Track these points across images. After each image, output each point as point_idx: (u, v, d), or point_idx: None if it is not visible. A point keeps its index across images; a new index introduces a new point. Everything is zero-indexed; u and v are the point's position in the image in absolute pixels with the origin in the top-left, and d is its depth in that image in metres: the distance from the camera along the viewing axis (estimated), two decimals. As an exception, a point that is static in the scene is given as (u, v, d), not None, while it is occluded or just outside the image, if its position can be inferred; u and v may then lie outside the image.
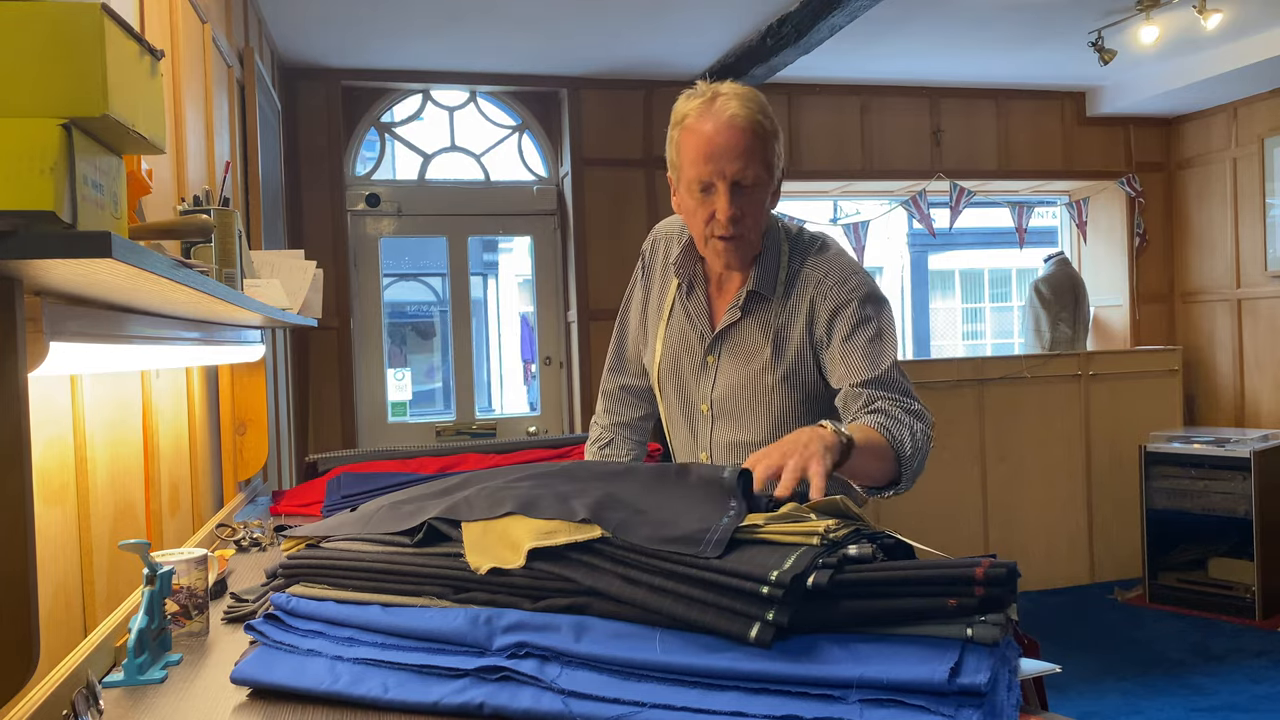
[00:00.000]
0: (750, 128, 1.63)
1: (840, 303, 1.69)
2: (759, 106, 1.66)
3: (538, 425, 5.36)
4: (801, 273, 1.74)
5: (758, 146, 1.63)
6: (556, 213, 5.34)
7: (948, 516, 5.26)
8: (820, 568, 1.00)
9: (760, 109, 1.65)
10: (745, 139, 1.62)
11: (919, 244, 12.34)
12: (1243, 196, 5.56)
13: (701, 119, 1.64)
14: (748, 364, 1.75)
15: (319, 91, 4.80)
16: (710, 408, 1.80)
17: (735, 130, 1.62)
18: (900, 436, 1.53)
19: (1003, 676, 0.96)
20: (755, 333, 1.75)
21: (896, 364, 1.65)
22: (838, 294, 1.70)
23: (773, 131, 1.66)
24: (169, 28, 2.27)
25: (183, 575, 1.44)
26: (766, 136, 1.64)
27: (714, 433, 1.80)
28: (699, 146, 1.64)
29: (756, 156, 1.63)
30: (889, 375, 1.63)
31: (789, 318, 1.73)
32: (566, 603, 1.10)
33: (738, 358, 1.76)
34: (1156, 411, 5.60)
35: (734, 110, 1.62)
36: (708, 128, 1.63)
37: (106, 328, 1.23)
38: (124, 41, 0.86)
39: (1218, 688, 3.93)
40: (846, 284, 1.70)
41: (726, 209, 1.63)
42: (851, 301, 1.68)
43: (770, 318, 1.74)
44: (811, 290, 1.72)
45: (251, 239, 3.30)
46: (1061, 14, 4.31)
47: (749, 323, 1.75)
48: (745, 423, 1.76)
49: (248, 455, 2.76)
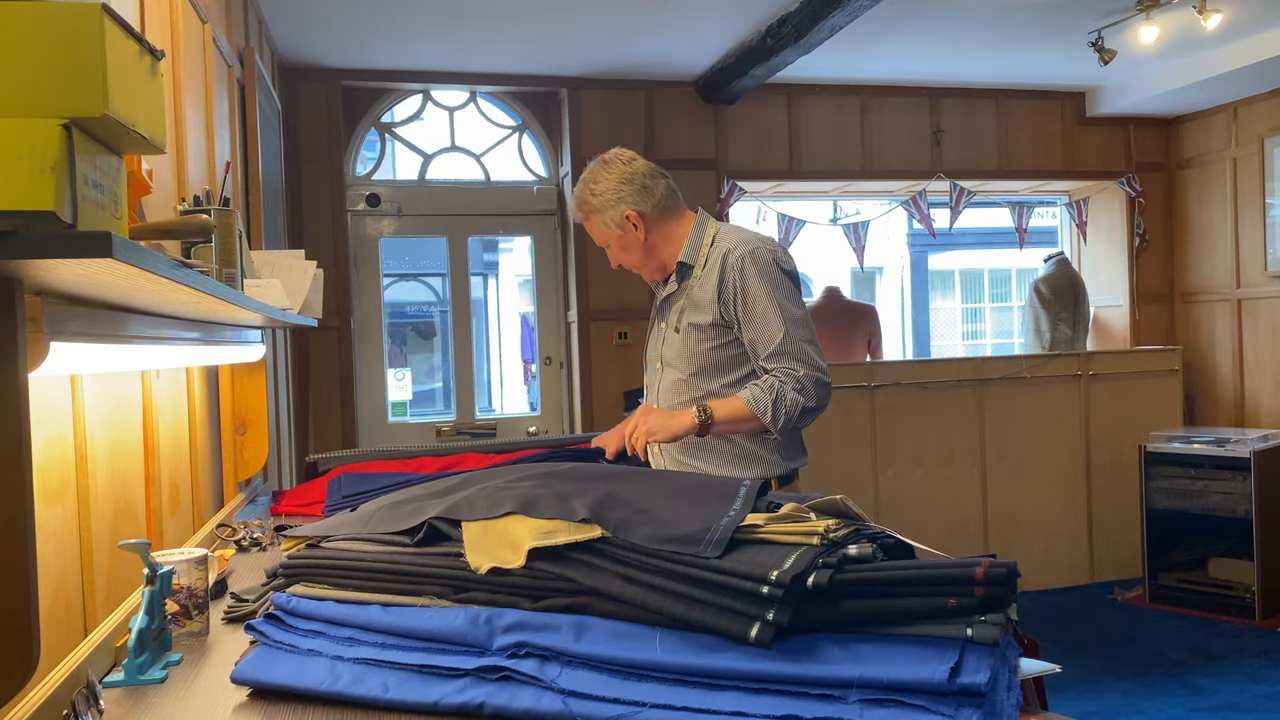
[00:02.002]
0: (582, 220, 2.37)
1: (738, 274, 2.19)
2: (579, 204, 2.34)
3: (538, 425, 5.36)
4: (715, 248, 2.28)
5: (593, 229, 2.35)
6: (556, 213, 5.34)
7: (948, 516, 5.26)
8: (820, 568, 1.00)
9: (579, 207, 2.35)
10: (587, 227, 2.37)
11: (919, 244, 12.34)
12: (1243, 196, 5.56)
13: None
14: (680, 321, 2.30)
15: (319, 91, 4.80)
16: (660, 363, 2.37)
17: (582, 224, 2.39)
18: (763, 404, 2.11)
19: (1003, 676, 0.96)
20: (683, 297, 2.31)
21: (790, 329, 2.16)
22: (739, 265, 2.20)
23: (589, 217, 2.33)
24: (169, 28, 2.27)
25: (183, 575, 1.44)
26: (590, 222, 2.34)
27: (661, 381, 2.35)
28: None
29: (595, 233, 2.36)
30: (780, 347, 2.15)
31: (705, 279, 2.26)
32: (567, 602, 1.10)
33: (674, 318, 2.32)
34: (1156, 411, 5.60)
35: (572, 208, 2.49)
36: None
37: (107, 328, 1.23)
38: (124, 41, 0.86)
39: (1218, 688, 3.93)
40: (747, 259, 2.20)
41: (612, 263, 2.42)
42: (748, 275, 2.19)
43: (694, 283, 2.28)
44: (722, 256, 2.23)
45: (251, 239, 3.30)
46: (1061, 14, 4.31)
47: (681, 291, 2.32)
48: (677, 368, 2.31)
49: (248, 455, 2.76)
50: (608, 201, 2.30)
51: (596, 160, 2.34)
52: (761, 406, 2.11)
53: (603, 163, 2.32)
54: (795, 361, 2.15)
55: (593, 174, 2.31)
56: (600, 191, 2.30)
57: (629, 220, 2.30)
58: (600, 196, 2.30)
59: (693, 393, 2.27)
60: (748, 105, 5.31)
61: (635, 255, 2.33)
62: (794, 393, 2.12)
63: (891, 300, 12.54)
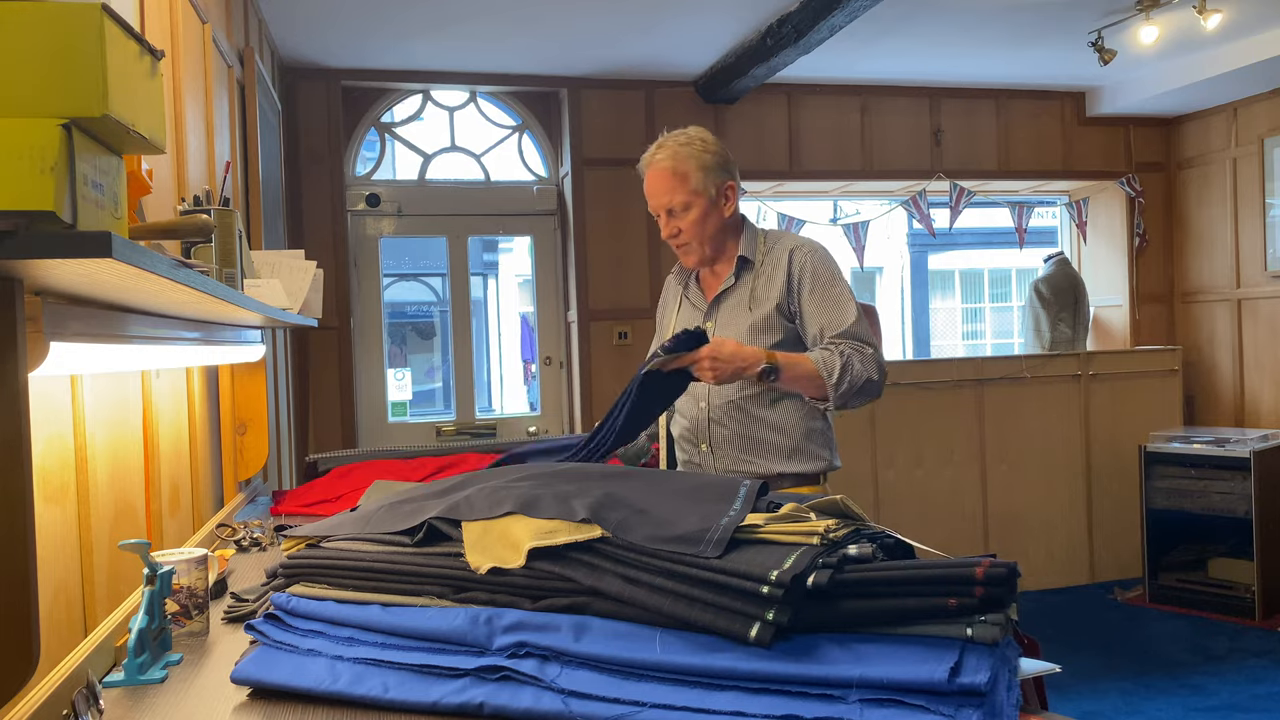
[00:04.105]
0: (670, 171, 2.23)
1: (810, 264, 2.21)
2: (682, 155, 2.22)
3: (538, 425, 5.36)
4: (777, 246, 2.28)
5: (676, 182, 2.22)
6: (556, 213, 5.34)
7: (948, 516, 5.26)
8: (820, 567, 1.00)
9: (680, 156, 2.22)
10: (666, 179, 2.24)
11: (919, 244, 12.34)
12: (1243, 196, 5.56)
13: (645, 170, 2.28)
14: (738, 318, 2.25)
15: (319, 91, 4.80)
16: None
17: (658, 173, 2.24)
18: (831, 365, 2.08)
19: (1003, 676, 0.96)
20: (744, 293, 2.27)
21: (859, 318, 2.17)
22: (808, 257, 2.23)
23: (692, 168, 2.21)
24: (169, 28, 2.27)
25: (183, 575, 1.44)
26: (684, 173, 2.22)
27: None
28: (646, 191, 2.29)
29: (678, 189, 2.23)
30: (852, 328, 2.16)
31: (770, 277, 2.25)
32: (566, 602, 1.10)
33: (730, 315, 2.26)
34: (1156, 411, 5.60)
35: (658, 158, 2.24)
36: (647, 176, 2.28)
37: (106, 328, 1.23)
38: (124, 41, 0.86)
39: (1218, 688, 3.93)
40: (816, 252, 2.25)
41: (664, 230, 2.29)
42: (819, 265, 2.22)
43: (755, 280, 2.26)
44: (788, 256, 2.24)
45: (251, 239, 3.30)
46: (1061, 14, 4.31)
47: (739, 287, 2.28)
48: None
49: (248, 455, 2.76)
50: (719, 163, 2.24)
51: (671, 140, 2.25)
52: (829, 368, 2.07)
53: (689, 131, 2.26)
54: (863, 343, 2.14)
55: (701, 134, 2.25)
56: (715, 151, 2.24)
57: (729, 190, 2.26)
58: (713, 155, 2.23)
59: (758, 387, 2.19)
60: (748, 105, 5.31)
61: (710, 228, 2.24)
62: (859, 365, 2.09)
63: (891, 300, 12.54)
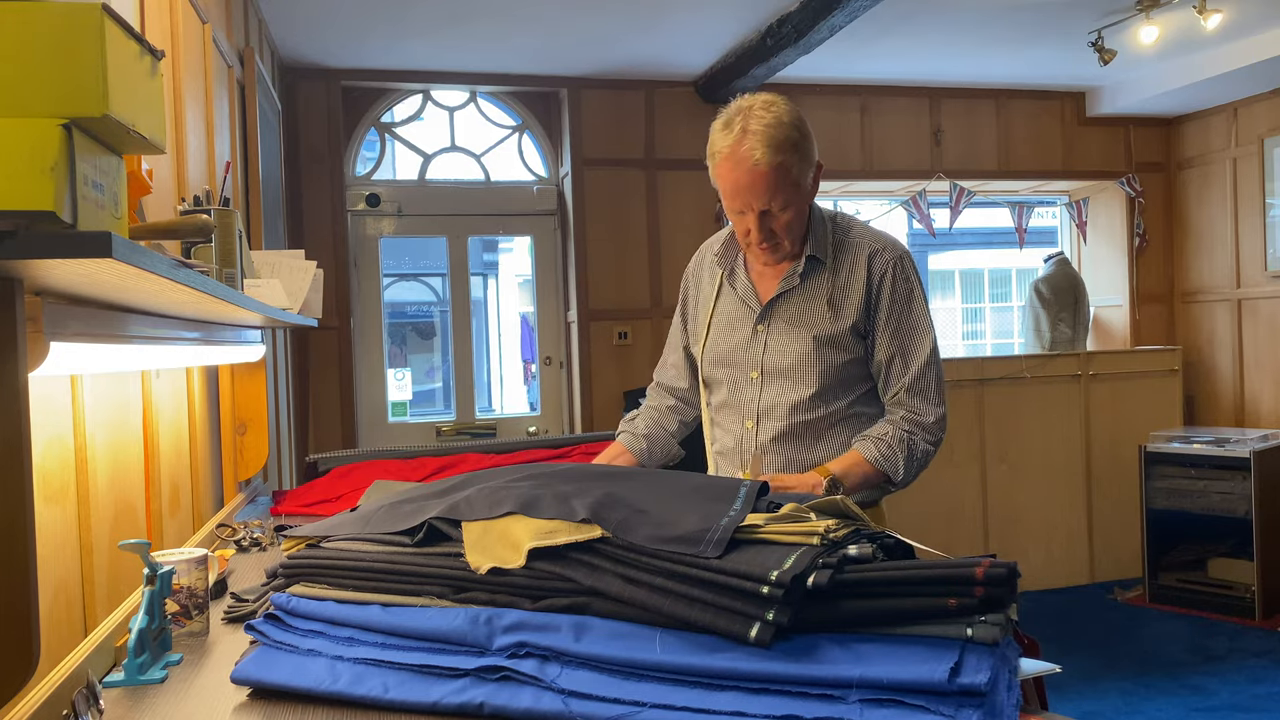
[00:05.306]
0: (771, 170, 1.76)
1: (890, 277, 1.87)
2: (779, 143, 1.76)
3: (538, 425, 5.36)
4: (848, 240, 1.91)
5: (779, 180, 1.78)
6: (556, 213, 5.34)
7: (948, 516, 5.26)
8: (820, 568, 1.00)
9: (779, 146, 1.76)
10: (766, 180, 1.77)
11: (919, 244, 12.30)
12: (1243, 196, 5.56)
13: (728, 161, 1.79)
14: (803, 326, 1.89)
15: (319, 91, 4.80)
16: (760, 373, 1.93)
17: (757, 174, 1.76)
18: (895, 462, 1.83)
19: (1003, 676, 0.96)
20: (812, 300, 1.90)
21: (931, 356, 1.87)
22: (889, 267, 1.88)
23: (794, 161, 1.78)
24: (169, 28, 2.27)
25: (183, 575, 1.44)
26: (786, 168, 1.77)
27: (762, 396, 1.92)
28: (728, 185, 1.81)
29: (780, 189, 1.78)
30: (920, 374, 1.87)
31: (846, 280, 1.89)
32: (566, 602, 1.10)
33: (793, 322, 1.90)
34: (1156, 411, 5.60)
35: (756, 157, 1.75)
36: (734, 171, 1.79)
37: (106, 328, 1.23)
38: (124, 41, 0.86)
39: (1218, 688, 3.93)
40: (897, 262, 1.88)
41: (757, 234, 1.83)
42: (899, 279, 1.88)
43: (826, 282, 1.89)
44: (866, 261, 1.88)
45: (251, 239, 3.30)
46: (1061, 14, 4.31)
47: (805, 289, 1.90)
48: (795, 381, 1.90)
49: (248, 455, 2.76)
50: (811, 144, 1.83)
51: (757, 99, 1.81)
52: (893, 467, 1.84)
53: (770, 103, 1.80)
54: (924, 403, 1.88)
55: (787, 108, 1.80)
56: (807, 131, 1.81)
57: (818, 172, 1.88)
58: (806, 138, 1.81)
59: (818, 411, 1.89)
60: (748, 105, 5.30)
61: (802, 224, 1.87)
62: (923, 444, 1.87)
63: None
